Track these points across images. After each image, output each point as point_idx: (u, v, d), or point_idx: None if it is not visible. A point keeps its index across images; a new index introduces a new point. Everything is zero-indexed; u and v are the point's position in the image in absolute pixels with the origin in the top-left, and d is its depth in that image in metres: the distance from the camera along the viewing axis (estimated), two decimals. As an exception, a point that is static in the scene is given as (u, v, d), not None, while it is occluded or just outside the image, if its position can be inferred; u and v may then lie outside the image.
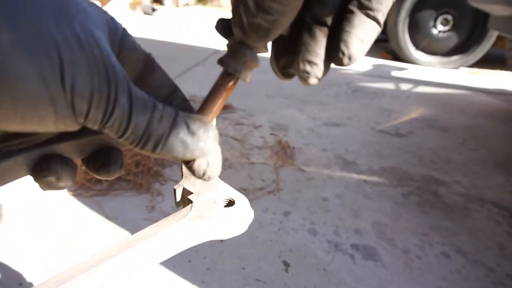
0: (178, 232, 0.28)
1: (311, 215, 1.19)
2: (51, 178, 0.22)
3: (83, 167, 1.28)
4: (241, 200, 0.32)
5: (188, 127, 0.21)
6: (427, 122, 2.10)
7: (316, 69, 0.23)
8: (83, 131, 0.24)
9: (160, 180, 1.34)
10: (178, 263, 0.96)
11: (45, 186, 0.22)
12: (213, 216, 0.30)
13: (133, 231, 1.08)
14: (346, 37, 0.23)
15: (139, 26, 4.97)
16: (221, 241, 1.04)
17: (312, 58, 0.23)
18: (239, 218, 0.31)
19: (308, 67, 0.23)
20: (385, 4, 0.23)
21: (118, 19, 0.26)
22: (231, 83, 0.24)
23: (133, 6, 6.78)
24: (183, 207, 0.32)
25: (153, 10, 6.67)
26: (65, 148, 0.23)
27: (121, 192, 1.26)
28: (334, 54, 0.23)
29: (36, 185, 0.23)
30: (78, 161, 0.25)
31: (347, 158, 1.60)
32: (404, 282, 0.95)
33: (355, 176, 1.46)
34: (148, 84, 0.24)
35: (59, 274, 0.24)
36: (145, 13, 6.59)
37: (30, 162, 0.22)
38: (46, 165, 0.22)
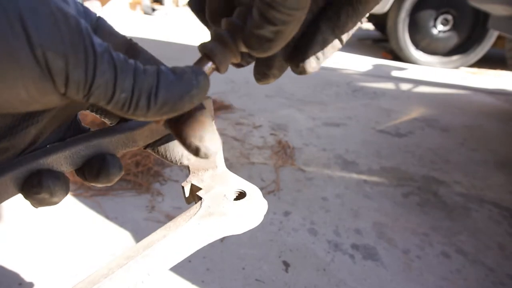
0: (188, 233, 0.27)
1: (311, 215, 1.19)
2: (44, 195, 0.20)
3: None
4: (253, 191, 0.30)
5: (174, 72, 0.19)
6: (427, 122, 2.10)
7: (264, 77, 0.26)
8: (70, 140, 0.23)
9: (160, 180, 1.34)
10: (178, 263, 0.95)
11: (37, 203, 0.21)
12: (224, 212, 0.28)
13: (133, 231, 1.08)
14: (304, 53, 0.24)
15: (139, 26, 4.97)
16: (221, 241, 1.04)
17: (264, 69, 0.26)
18: (252, 210, 0.29)
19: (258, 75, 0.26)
20: (351, 25, 0.24)
21: (118, 19, 0.25)
22: (209, 72, 0.22)
23: (133, 6, 6.78)
24: (195, 203, 0.30)
25: (153, 10, 6.67)
26: (54, 161, 0.22)
27: (121, 192, 1.26)
28: (292, 62, 0.25)
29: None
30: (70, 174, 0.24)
31: (347, 158, 1.60)
32: (404, 282, 0.95)
33: (355, 176, 1.46)
34: None
35: None
36: (145, 13, 6.59)
37: (18, 180, 0.21)
38: (37, 181, 0.20)
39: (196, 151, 0.21)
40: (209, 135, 0.21)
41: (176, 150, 0.28)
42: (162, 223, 1.10)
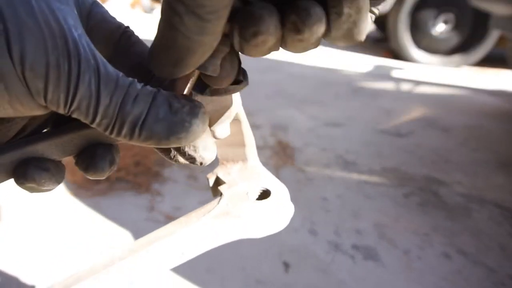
0: (198, 232, 0.25)
1: (311, 215, 1.19)
2: (30, 185, 0.20)
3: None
4: (279, 191, 0.27)
5: (170, 106, 0.18)
6: (428, 122, 2.10)
7: None
8: (63, 128, 0.21)
9: (160, 180, 1.34)
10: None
11: (27, 190, 0.20)
12: (242, 212, 0.25)
13: (132, 231, 1.08)
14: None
15: (139, 25, 4.96)
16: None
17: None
18: (274, 213, 0.26)
19: None
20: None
21: (118, 18, 0.24)
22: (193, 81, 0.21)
23: (133, 5, 6.78)
24: (219, 197, 0.28)
25: (152, 9, 6.67)
26: (44, 148, 0.20)
27: (121, 192, 1.26)
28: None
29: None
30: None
31: (348, 158, 1.60)
32: (404, 282, 0.94)
33: (355, 176, 1.45)
34: (127, 59, 0.22)
35: (68, 277, 0.22)
36: (145, 11, 6.59)
37: (6, 167, 0.20)
38: (22, 172, 0.19)
39: (191, 161, 0.21)
40: (203, 144, 0.21)
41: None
42: (162, 223, 1.09)
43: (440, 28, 3.55)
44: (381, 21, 4.39)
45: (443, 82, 3.08)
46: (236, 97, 0.26)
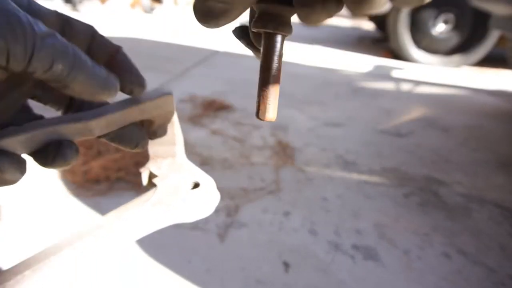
0: (137, 219, 0.28)
1: (311, 215, 1.19)
2: None
3: (83, 168, 1.25)
4: (206, 182, 0.31)
5: (95, 68, 0.23)
6: (428, 122, 2.10)
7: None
8: (26, 126, 0.23)
9: (160, 180, 1.34)
10: (177, 263, 0.95)
11: None
12: (175, 201, 0.30)
13: (132, 231, 1.08)
14: None
15: (139, 25, 4.96)
16: (221, 241, 1.04)
17: None
18: (203, 201, 0.30)
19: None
20: None
21: (118, 18, 0.25)
22: (279, 45, 0.23)
23: (133, 5, 6.78)
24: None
25: (152, 9, 6.67)
26: (8, 144, 0.22)
27: (121, 192, 1.26)
28: None
29: (35, 185, 0.23)
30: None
31: (348, 158, 1.60)
32: (404, 282, 0.94)
33: (355, 176, 1.45)
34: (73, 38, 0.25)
35: (20, 262, 0.25)
36: (145, 11, 6.59)
37: None
38: None
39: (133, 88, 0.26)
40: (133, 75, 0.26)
41: (130, 139, 0.29)
42: (162, 223, 1.09)
43: (440, 28, 3.55)
44: (381, 21, 4.39)
45: (443, 82, 3.08)
46: (172, 101, 0.30)
